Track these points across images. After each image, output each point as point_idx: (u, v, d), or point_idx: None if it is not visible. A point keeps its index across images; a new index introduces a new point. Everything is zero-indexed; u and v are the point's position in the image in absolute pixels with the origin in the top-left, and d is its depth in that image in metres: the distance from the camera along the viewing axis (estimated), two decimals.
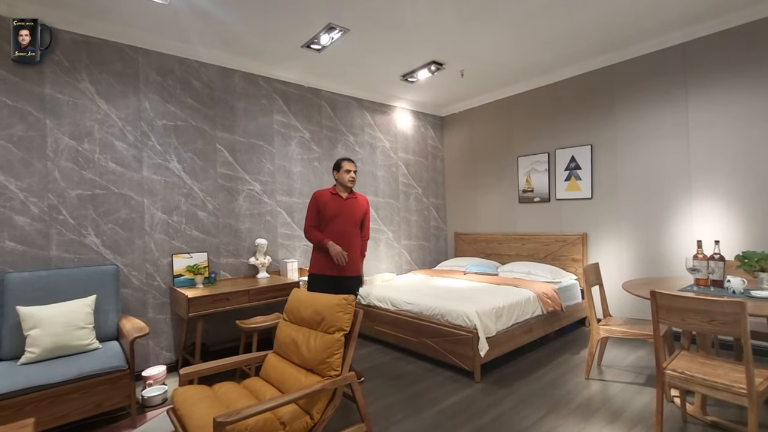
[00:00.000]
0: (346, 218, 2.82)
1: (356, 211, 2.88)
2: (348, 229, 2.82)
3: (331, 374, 1.88)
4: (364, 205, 2.94)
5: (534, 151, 4.57)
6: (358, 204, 2.91)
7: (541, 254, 4.45)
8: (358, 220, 2.87)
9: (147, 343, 3.19)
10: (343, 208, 2.83)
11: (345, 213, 2.83)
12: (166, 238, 3.29)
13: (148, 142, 3.21)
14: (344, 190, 2.90)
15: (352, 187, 2.90)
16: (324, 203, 2.83)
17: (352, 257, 2.83)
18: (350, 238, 2.83)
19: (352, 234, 2.84)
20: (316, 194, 2.87)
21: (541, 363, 3.17)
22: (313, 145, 4.25)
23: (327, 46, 3.44)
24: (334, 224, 2.80)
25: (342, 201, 2.85)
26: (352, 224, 2.84)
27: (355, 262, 2.85)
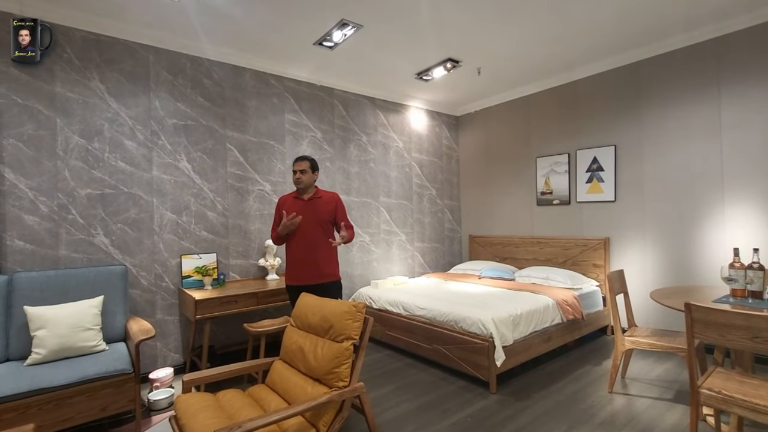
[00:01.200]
0: (307, 221, 2.64)
1: (321, 211, 2.69)
2: (311, 232, 2.64)
3: (339, 385, 1.78)
4: (331, 203, 2.76)
5: (554, 152, 4.40)
6: (323, 203, 2.72)
7: (560, 259, 4.28)
8: (324, 219, 2.69)
9: (155, 344, 3.15)
10: (304, 210, 2.67)
11: (307, 215, 2.65)
12: (175, 238, 3.25)
13: (158, 141, 3.18)
14: (302, 191, 2.73)
15: (302, 188, 2.69)
16: (286, 208, 2.71)
17: (315, 262, 2.62)
18: (314, 241, 2.64)
19: (316, 237, 2.64)
20: (279, 200, 2.79)
21: (561, 374, 3.01)
22: (325, 145, 4.17)
23: (339, 44, 3.35)
24: (296, 229, 2.65)
25: (303, 203, 2.70)
26: (315, 226, 2.66)
27: (320, 268, 2.64)
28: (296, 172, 2.67)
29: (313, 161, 2.73)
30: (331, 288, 2.68)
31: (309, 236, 2.64)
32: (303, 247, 2.64)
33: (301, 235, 2.65)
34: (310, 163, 2.71)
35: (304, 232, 2.64)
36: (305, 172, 2.68)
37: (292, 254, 2.67)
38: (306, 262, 2.63)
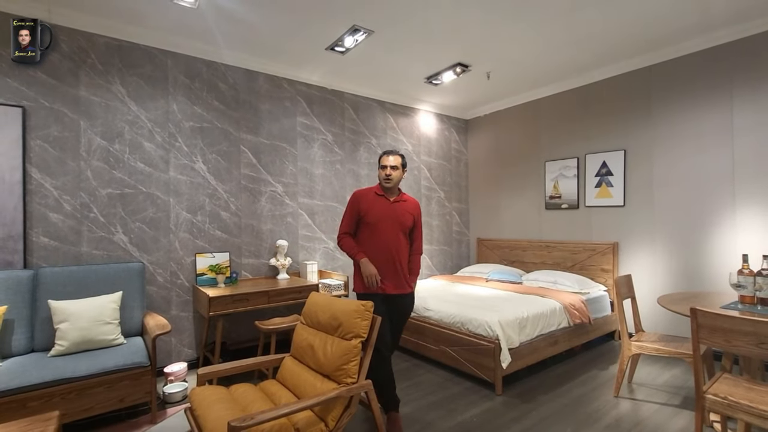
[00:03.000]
0: (391, 225, 2.33)
1: (404, 217, 2.39)
2: (394, 240, 2.33)
3: (347, 381, 1.84)
4: (414, 211, 2.45)
5: (563, 156, 4.41)
6: (408, 208, 2.43)
7: (568, 263, 4.28)
8: (407, 227, 2.39)
9: (170, 339, 3.25)
10: (388, 212, 2.35)
11: (390, 219, 2.34)
12: (190, 237, 3.35)
13: (175, 143, 3.28)
14: (388, 190, 2.42)
15: (390, 187, 2.37)
16: (366, 206, 2.36)
17: (397, 271, 2.35)
18: (397, 250, 2.34)
19: (399, 245, 2.35)
20: (356, 194, 2.41)
21: (567, 378, 3.02)
22: (336, 148, 4.25)
23: (351, 48, 3.43)
24: (376, 232, 2.33)
25: (388, 204, 2.38)
26: (399, 233, 2.35)
27: (400, 278, 2.36)
28: (386, 167, 2.35)
29: (404, 157, 2.42)
30: (411, 298, 2.45)
31: (393, 242, 2.34)
32: (385, 255, 2.33)
33: (385, 241, 2.33)
34: (402, 159, 2.39)
35: (387, 238, 2.33)
36: (396, 168, 2.35)
37: (373, 262, 2.34)
38: (389, 271, 2.34)
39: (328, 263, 4.16)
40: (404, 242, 2.39)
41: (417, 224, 2.47)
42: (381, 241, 2.33)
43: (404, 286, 2.38)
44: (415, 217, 2.45)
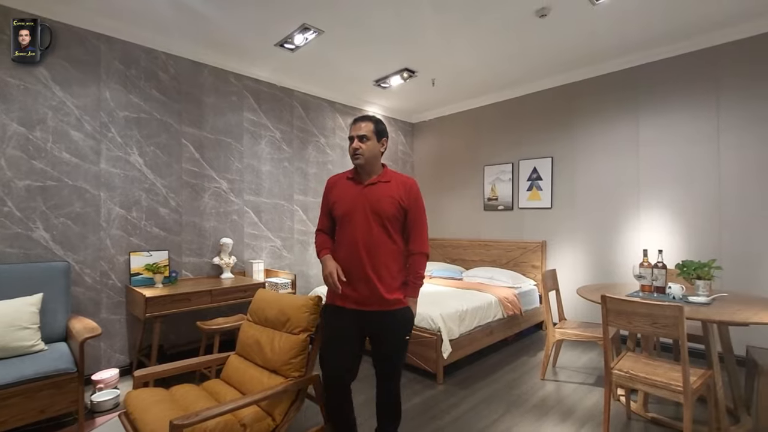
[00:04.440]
0: (362, 216, 1.77)
1: (382, 202, 1.77)
2: (364, 235, 1.75)
3: (294, 375, 1.87)
4: (400, 193, 1.80)
5: (499, 161, 4.75)
6: (390, 191, 1.80)
7: (503, 260, 4.62)
8: (387, 216, 1.76)
9: (98, 344, 3.02)
10: (358, 200, 1.79)
11: (361, 208, 1.78)
12: (124, 234, 3.14)
13: (107, 133, 3.06)
14: (362, 170, 1.85)
15: (361, 164, 1.80)
16: (336, 196, 1.86)
17: (368, 278, 1.74)
18: (368, 248, 1.74)
19: (372, 242, 1.75)
20: (328, 182, 1.95)
21: (501, 365, 3.28)
22: (284, 145, 4.21)
23: (301, 47, 3.43)
24: (344, 228, 1.81)
25: (359, 190, 1.81)
26: (372, 225, 1.75)
27: (374, 288, 1.74)
28: (353, 139, 1.80)
29: (378, 122, 1.83)
30: (399, 316, 1.77)
31: (361, 239, 1.75)
32: (350, 256, 1.76)
33: (349, 238, 1.78)
34: (374, 124, 1.81)
35: (353, 233, 1.76)
36: (367, 138, 1.78)
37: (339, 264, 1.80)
38: (355, 278, 1.75)
39: (275, 262, 4.10)
40: (382, 237, 1.76)
41: (410, 212, 1.81)
42: (346, 238, 1.79)
43: (380, 300, 1.74)
44: (402, 202, 1.79)
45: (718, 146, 3.28)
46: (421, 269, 1.84)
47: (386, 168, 1.89)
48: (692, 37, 3.31)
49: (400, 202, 1.79)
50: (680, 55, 3.45)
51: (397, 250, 1.82)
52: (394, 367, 1.86)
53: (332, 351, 1.81)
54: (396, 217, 1.79)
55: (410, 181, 1.87)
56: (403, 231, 1.85)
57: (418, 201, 1.85)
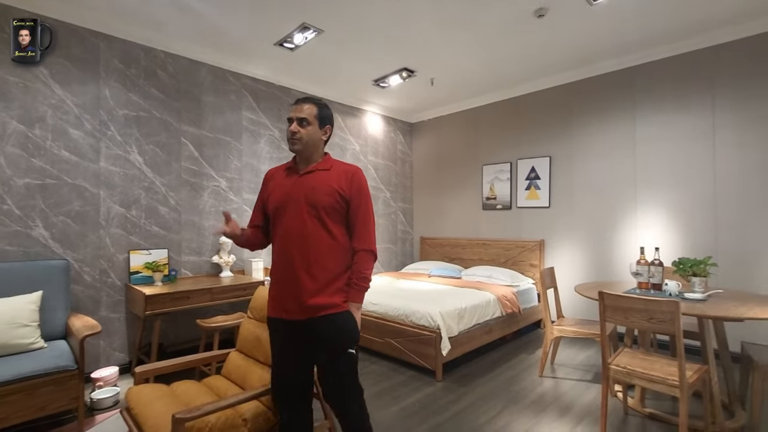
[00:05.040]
0: (295, 208, 1.56)
1: (319, 191, 1.55)
2: (297, 228, 1.54)
3: None
4: (340, 182, 1.59)
5: (498, 161, 4.78)
6: (329, 179, 1.59)
7: (502, 259, 4.64)
8: (324, 207, 1.54)
9: (98, 343, 3.02)
10: (293, 190, 1.59)
11: (294, 199, 1.57)
12: (124, 233, 3.14)
13: (107, 131, 3.07)
14: (301, 158, 1.65)
15: (299, 150, 1.60)
16: (272, 187, 1.67)
17: (299, 280, 1.51)
18: (301, 243, 1.53)
19: (305, 236, 1.53)
20: (266, 175, 1.76)
21: (499, 362, 3.30)
22: (283, 144, 4.22)
23: (300, 46, 3.44)
24: (278, 220, 1.60)
25: (295, 179, 1.61)
26: (306, 217, 1.54)
27: (304, 291, 1.51)
28: (291, 121, 1.60)
29: (323, 107, 1.63)
30: (338, 325, 1.52)
31: (293, 234, 1.54)
32: (281, 255, 1.57)
33: (281, 233, 1.58)
34: (317, 108, 1.61)
35: (286, 227, 1.56)
36: (307, 123, 1.58)
37: (273, 269, 1.63)
38: (286, 280, 1.55)
39: None
40: (317, 231, 1.53)
41: (353, 203, 1.59)
42: (278, 234, 1.59)
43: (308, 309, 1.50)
44: (343, 192, 1.57)
45: (714, 144, 3.31)
46: (365, 269, 1.58)
47: (328, 156, 1.68)
48: (689, 36, 3.34)
49: (339, 192, 1.57)
50: (677, 55, 3.48)
51: (337, 246, 1.57)
52: (343, 392, 1.54)
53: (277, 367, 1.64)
54: (335, 209, 1.56)
55: (353, 168, 1.65)
56: (346, 225, 1.62)
57: (362, 191, 1.62)
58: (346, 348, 1.53)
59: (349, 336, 1.53)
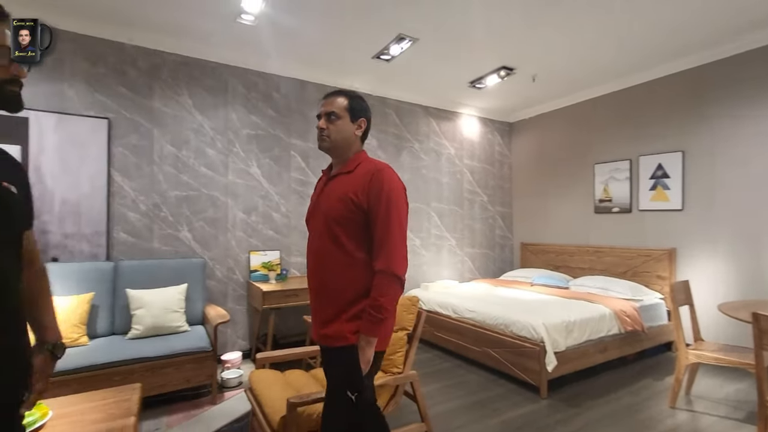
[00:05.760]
0: (316, 221, 1.41)
1: (332, 199, 1.36)
2: (316, 245, 1.39)
3: (392, 371, 1.92)
4: (358, 187, 1.32)
5: (613, 158, 4.26)
6: (348, 185, 1.35)
7: (619, 269, 4.11)
8: (336, 219, 1.32)
9: (226, 330, 3.51)
10: (319, 199, 1.44)
11: (317, 209, 1.42)
12: (245, 236, 3.61)
13: (233, 149, 3.57)
14: (335, 159, 1.47)
15: (328, 148, 1.42)
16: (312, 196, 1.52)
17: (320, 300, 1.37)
18: (320, 262, 1.37)
19: (322, 255, 1.36)
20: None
21: (618, 385, 2.91)
22: (379, 152, 4.39)
23: (396, 56, 3.56)
24: (309, 229, 1.46)
25: (324, 186, 1.45)
26: (322, 232, 1.36)
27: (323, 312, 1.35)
28: (320, 117, 1.42)
29: (355, 98, 1.44)
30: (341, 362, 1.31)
31: (313, 251, 1.41)
32: (309, 273, 1.43)
33: (309, 250, 1.43)
34: (348, 100, 1.41)
35: (310, 244, 1.42)
36: (336, 117, 1.38)
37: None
38: (312, 299, 1.42)
39: None
40: (330, 247, 1.33)
41: (372, 212, 1.30)
42: (308, 251, 1.44)
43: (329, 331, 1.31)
44: (356, 198, 1.30)
45: None
46: (383, 295, 1.25)
47: (357, 155, 1.42)
48: None
49: (353, 199, 1.29)
50: None
51: (354, 265, 1.30)
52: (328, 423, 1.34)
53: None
54: (348, 219, 1.30)
55: (374, 166, 1.34)
56: (365, 239, 1.32)
57: (381, 196, 1.28)
58: (343, 389, 1.28)
59: (352, 377, 1.26)
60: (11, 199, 0.91)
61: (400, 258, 1.30)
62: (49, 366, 1.04)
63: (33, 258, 1.06)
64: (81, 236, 2.96)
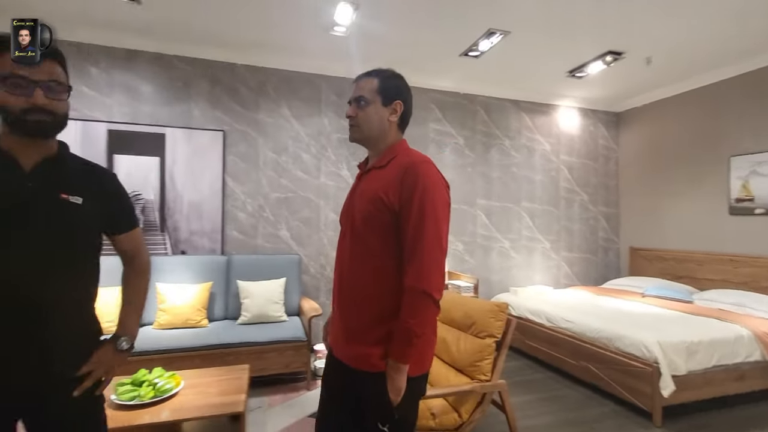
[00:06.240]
0: (347, 219, 1.23)
1: (362, 198, 1.17)
2: (341, 250, 1.24)
3: (480, 378, 1.86)
4: (387, 182, 1.12)
5: (757, 150, 3.53)
6: (376, 181, 1.16)
7: (762, 283, 3.39)
8: (363, 219, 1.13)
9: (318, 323, 3.75)
10: (349, 198, 1.28)
11: (349, 207, 1.23)
12: (335, 235, 3.80)
13: (325, 153, 3.80)
14: (368, 151, 1.28)
15: (359, 139, 1.24)
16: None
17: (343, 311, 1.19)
18: (348, 268, 1.18)
19: (348, 260, 1.18)
20: None
21: (758, 423, 2.41)
22: (467, 151, 4.28)
23: (486, 52, 3.42)
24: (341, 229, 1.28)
25: (356, 183, 1.28)
26: (347, 232, 1.21)
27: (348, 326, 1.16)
28: (350, 103, 1.22)
29: (387, 77, 1.20)
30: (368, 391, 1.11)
31: (339, 256, 1.24)
32: (335, 280, 1.24)
33: (340, 244, 1.25)
34: (379, 80, 1.19)
35: (338, 248, 1.26)
36: (364, 103, 1.17)
37: None
38: (336, 309, 1.23)
39: (457, 265, 4.20)
40: (359, 255, 1.14)
41: (403, 213, 1.08)
42: (337, 254, 1.27)
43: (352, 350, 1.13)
44: (387, 197, 1.09)
45: None
46: (412, 317, 1.03)
47: (395, 146, 1.20)
48: None
49: (383, 198, 1.09)
50: None
51: (385, 273, 1.10)
52: None
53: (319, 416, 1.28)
54: (377, 220, 1.10)
55: (410, 160, 1.11)
56: (398, 245, 1.10)
57: (415, 195, 1.05)
58: (375, 421, 1.10)
59: (377, 409, 1.09)
60: (70, 211, 0.96)
61: (435, 273, 1.04)
62: (109, 356, 1.07)
63: (132, 256, 1.15)
64: (203, 233, 3.44)
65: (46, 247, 0.94)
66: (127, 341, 1.11)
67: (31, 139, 0.95)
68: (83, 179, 1.02)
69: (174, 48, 3.35)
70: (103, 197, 1.04)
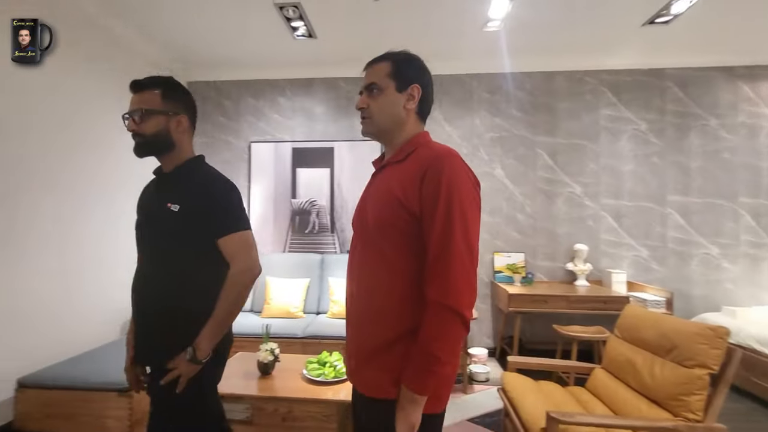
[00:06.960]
0: (358, 222, 1.07)
1: (375, 199, 1.00)
2: (352, 259, 1.06)
3: (687, 416, 1.49)
4: (406, 181, 0.92)
5: None
6: (392, 178, 0.97)
7: None
8: (377, 224, 0.95)
9: (473, 326, 3.68)
10: (364, 195, 1.09)
11: (362, 209, 1.06)
12: (489, 237, 3.68)
13: (477, 153, 3.71)
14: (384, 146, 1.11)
15: (372, 133, 1.05)
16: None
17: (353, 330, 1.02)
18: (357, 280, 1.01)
19: (358, 271, 1.01)
20: None
21: None
22: (652, 137, 3.55)
23: (681, 14, 2.78)
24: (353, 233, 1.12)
25: (374, 176, 1.10)
26: (357, 242, 1.04)
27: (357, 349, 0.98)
28: (361, 92, 1.07)
29: (402, 60, 1.04)
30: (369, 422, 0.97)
31: (349, 267, 1.07)
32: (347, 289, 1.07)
33: (349, 256, 1.09)
34: (392, 64, 1.03)
35: (351, 249, 1.08)
36: (376, 91, 1.02)
37: None
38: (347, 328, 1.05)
39: (639, 274, 3.52)
40: (367, 259, 0.98)
41: (425, 215, 0.89)
42: (348, 262, 1.08)
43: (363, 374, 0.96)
44: (405, 199, 0.91)
45: None
46: (436, 339, 0.84)
47: (414, 138, 1.01)
48: None
49: (400, 199, 0.91)
50: None
51: (402, 286, 0.91)
52: None
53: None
54: (393, 225, 0.92)
55: (437, 154, 0.92)
56: (418, 252, 0.90)
57: (440, 195, 0.87)
58: None
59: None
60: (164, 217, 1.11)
61: (465, 287, 0.86)
62: (181, 363, 1.10)
63: (229, 263, 1.16)
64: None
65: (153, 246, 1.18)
66: (190, 353, 1.10)
67: (147, 157, 1.18)
68: (184, 188, 1.16)
69: (339, 71, 3.80)
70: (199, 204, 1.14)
